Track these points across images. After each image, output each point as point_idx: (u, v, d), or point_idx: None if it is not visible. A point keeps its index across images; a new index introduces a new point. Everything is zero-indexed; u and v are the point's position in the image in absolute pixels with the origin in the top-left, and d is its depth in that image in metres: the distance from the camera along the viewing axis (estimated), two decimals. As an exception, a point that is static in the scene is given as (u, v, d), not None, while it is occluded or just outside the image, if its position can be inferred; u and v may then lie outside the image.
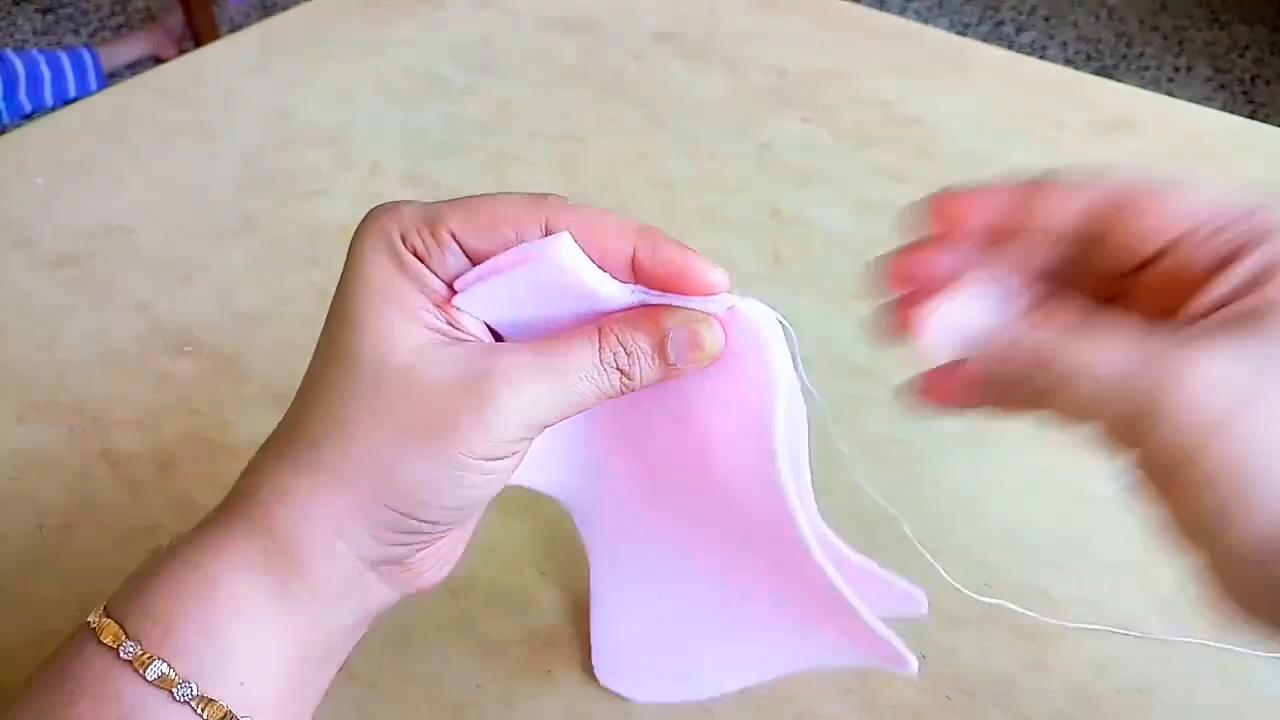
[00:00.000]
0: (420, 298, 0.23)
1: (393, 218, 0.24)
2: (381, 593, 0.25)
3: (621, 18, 0.70)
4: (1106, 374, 0.21)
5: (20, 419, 0.43)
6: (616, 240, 0.23)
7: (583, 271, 0.23)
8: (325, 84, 0.64)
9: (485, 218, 0.23)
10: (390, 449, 0.22)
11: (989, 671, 0.34)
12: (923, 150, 0.59)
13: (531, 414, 0.23)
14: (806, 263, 0.51)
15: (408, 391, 0.22)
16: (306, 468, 0.23)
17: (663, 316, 0.24)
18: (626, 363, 0.23)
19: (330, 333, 0.24)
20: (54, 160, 0.57)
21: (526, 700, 0.33)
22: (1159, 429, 0.20)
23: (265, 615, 0.23)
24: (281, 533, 0.23)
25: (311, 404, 0.24)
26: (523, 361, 0.23)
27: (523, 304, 0.24)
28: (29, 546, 0.38)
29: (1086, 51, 1.92)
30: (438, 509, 0.23)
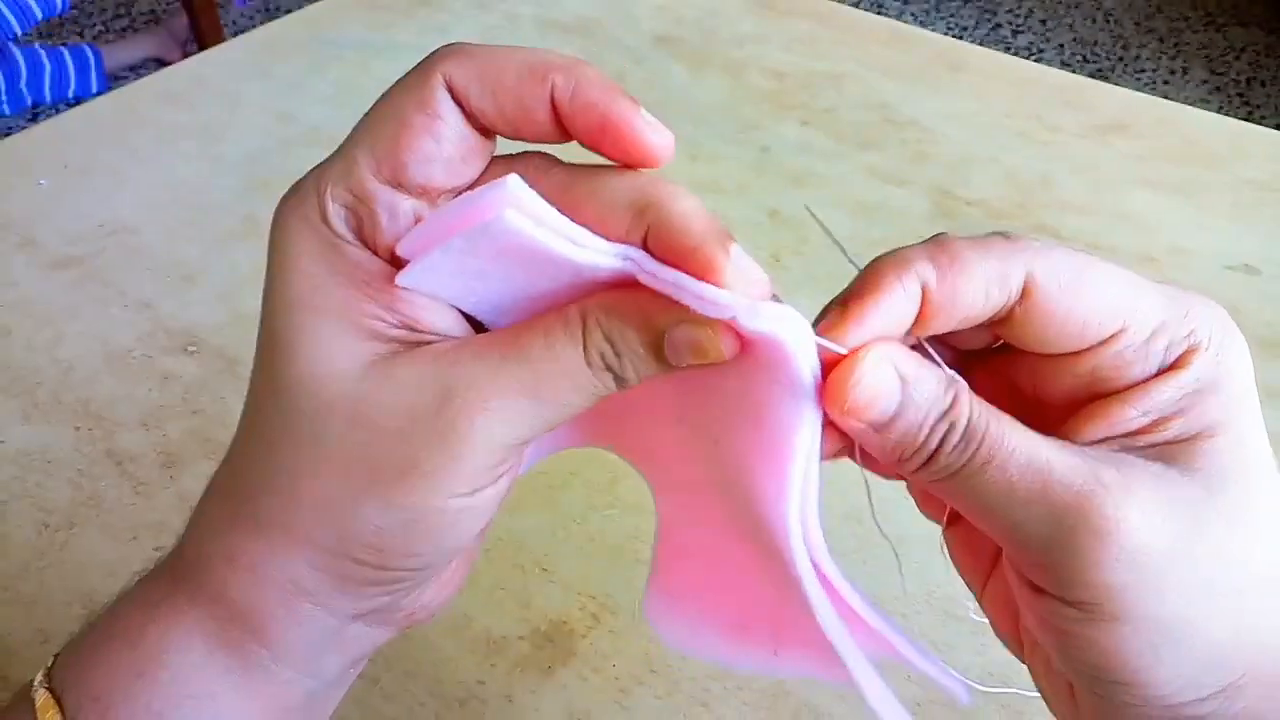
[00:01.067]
0: (356, 296, 0.18)
1: (311, 190, 0.19)
2: (372, 636, 0.21)
3: (621, 21, 0.71)
4: (1037, 469, 0.18)
5: (25, 419, 0.43)
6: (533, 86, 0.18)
7: (539, 234, 0.18)
8: (328, 87, 0.64)
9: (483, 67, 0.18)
10: (343, 500, 0.18)
11: (986, 668, 0.34)
12: (920, 153, 0.59)
13: (509, 435, 0.18)
14: (805, 264, 0.51)
15: (355, 428, 0.18)
16: (253, 525, 0.19)
17: (656, 314, 0.18)
18: (617, 365, 0.19)
19: (260, 358, 0.19)
20: (58, 162, 0.58)
21: (528, 696, 0.34)
22: (1082, 554, 0.18)
23: (221, 694, 0.20)
24: (235, 601, 0.19)
25: (250, 448, 0.20)
26: (491, 370, 0.18)
27: (483, 273, 0.19)
28: (33, 545, 0.38)
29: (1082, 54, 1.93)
30: (414, 556, 0.19)
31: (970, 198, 0.55)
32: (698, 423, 0.23)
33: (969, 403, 0.19)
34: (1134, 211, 0.55)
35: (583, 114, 0.18)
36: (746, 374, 0.19)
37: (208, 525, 0.20)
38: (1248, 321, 0.48)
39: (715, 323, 0.18)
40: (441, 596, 0.22)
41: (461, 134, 0.19)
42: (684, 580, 0.27)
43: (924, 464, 0.19)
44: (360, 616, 0.20)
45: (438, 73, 0.18)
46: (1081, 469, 0.18)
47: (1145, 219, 0.54)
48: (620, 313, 0.19)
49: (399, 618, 0.22)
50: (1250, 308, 0.49)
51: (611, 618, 0.36)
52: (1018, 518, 0.18)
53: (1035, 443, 0.18)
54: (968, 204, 0.55)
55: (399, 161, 0.19)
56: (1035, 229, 0.53)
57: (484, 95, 0.18)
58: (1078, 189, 0.56)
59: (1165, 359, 0.19)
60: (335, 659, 0.21)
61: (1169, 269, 0.51)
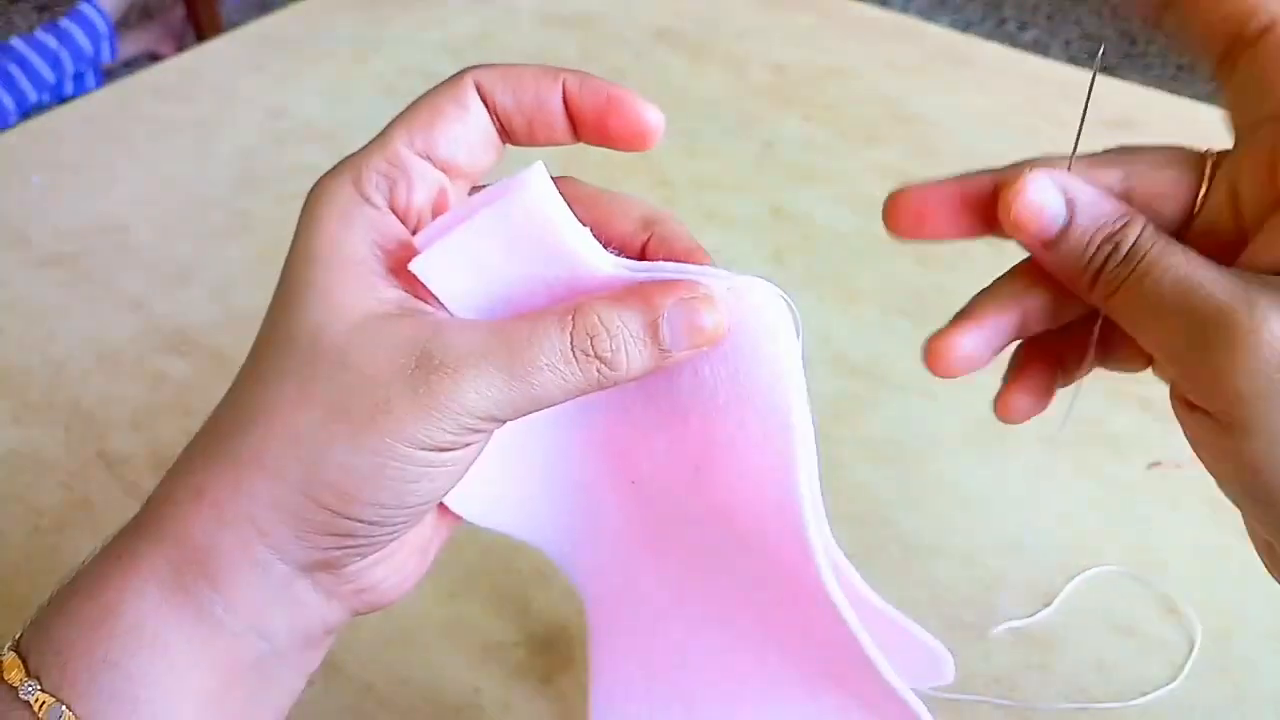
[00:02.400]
0: (372, 260, 0.20)
1: (349, 163, 0.21)
2: (324, 609, 0.22)
3: (621, 14, 0.70)
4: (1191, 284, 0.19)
5: (15, 419, 0.43)
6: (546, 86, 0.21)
7: (556, 218, 0.20)
8: (323, 81, 0.64)
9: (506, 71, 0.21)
10: (316, 433, 0.19)
11: (989, 672, 0.34)
12: (924, 148, 0.58)
13: (478, 405, 0.19)
14: (807, 261, 0.51)
15: (342, 369, 0.19)
16: (225, 460, 0.20)
17: (656, 293, 0.20)
18: (608, 346, 0.20)
19: (271, 310, 0.21)
20: (50, 159, 0.57)
21: (525, 704, 0.33)
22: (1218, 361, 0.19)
23: (175, 642, 0.20)
24: (193, 540, 0.20)
25: (240, 389, 0.21)
26: (474, 341, 0.20)
27: (490, 271, 0.20)
28: (24, 547, 0.38)
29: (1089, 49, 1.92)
30: (371, 506, 0.20)
31: (975, 194, 0.55)
32: (670, 460, 0.23)
33: (1138, 228, 0.21)
34: (1141, 208, 0.54)
35: (590, 96, 0.22)
36: (730, 366, 0.21)
37: (181, 467, 0.21)
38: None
39: (712, 299, 0.20)
40: (394, 582, 0.23)
41: (485, 126, 0.22)
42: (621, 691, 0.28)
43: (1091, 281, 0.21)
44: (310, 569, 0.21)
45: (469, 75, 0.22)
46: (1232, 286, 0.19)
47: (1153, 215, 0.53)
48: (618, 298, 0.20)
49: (348, 591, 0.22)
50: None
51: (609, 623, 0.35)
52: (1167, 328, 0.20)
53: (1195, 263, 0.20)
54: (972, 200, 0.54)
55: (431, 138, 0.21)
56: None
57: (507, 91, 0.22)
58: (1084, 185, 0.56)
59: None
60: (285, 622, 0.21)
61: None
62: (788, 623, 0.24)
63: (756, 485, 0.22)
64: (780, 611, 0.24)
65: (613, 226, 0.22)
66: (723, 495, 0.22)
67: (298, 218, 0.21)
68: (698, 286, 0.20)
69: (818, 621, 0.22)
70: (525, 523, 0.26)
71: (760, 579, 0.24)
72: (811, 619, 0.23)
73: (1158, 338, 0.20)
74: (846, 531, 0.28)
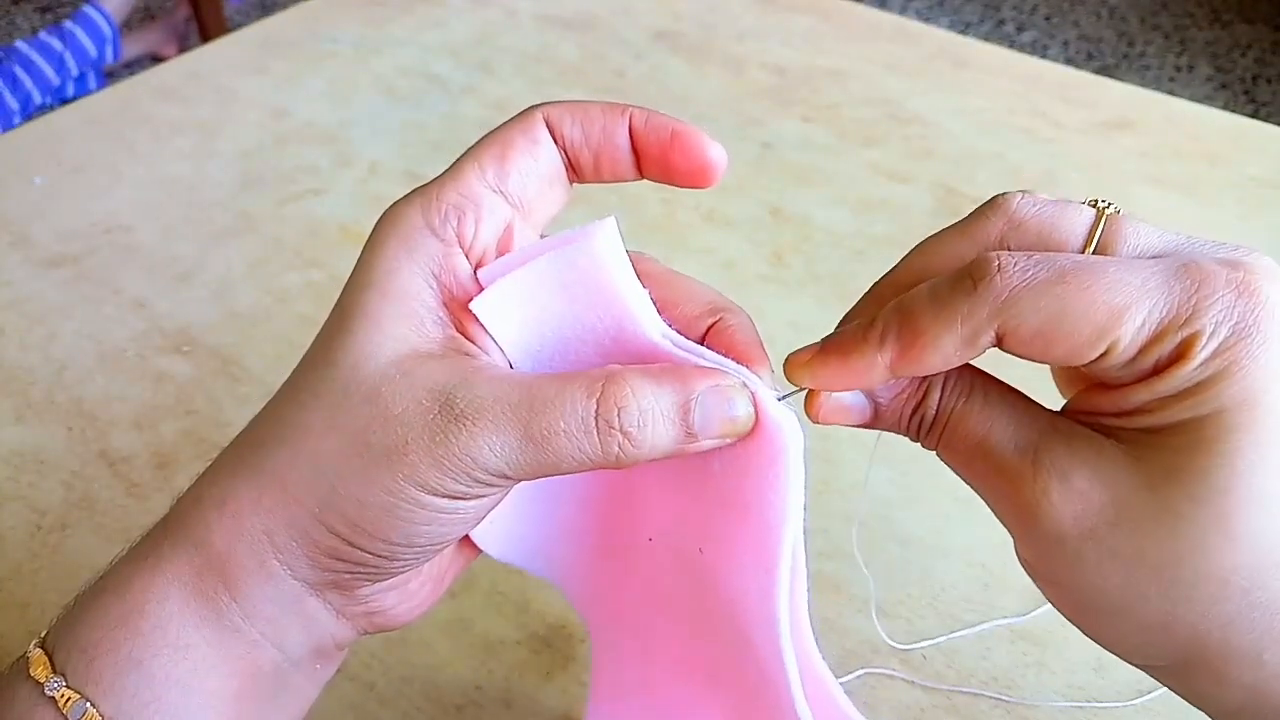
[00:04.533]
0: (426, 294, 0.21)
1: (420, 193, 0.21)
2: (333, 626, 0.22)
3: (621, 17, 0.70)
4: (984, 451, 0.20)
5: (18, 418, 0.43)
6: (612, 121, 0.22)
7: (619, 274, 0.20)
8: (324, 83, 0.64)
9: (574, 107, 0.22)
10: (335, 464, 0.20)
11: (989, 671, 0.34)
12: (923, 149, 0.58)
13: (489, 462, 0.19)
14: (806, 262, 0.51)
15: (370, 403, 0.20)
16: (249, 473, 0.20)
17: (694, 374, 0.20)
18: (635, 421, 0.19)
19: (323, 331, 0.21)
20: (52, 159, 0.57)
21: (525, 701, 0.33)
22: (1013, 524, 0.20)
23: (197, 644, 0.20)
24: (214, 546, 0.20)
25: (276, 405, 0.21)
26: (498, 395, 0.19)
27: (546, 316, 0.21)
28: (26, 547, 0.38)
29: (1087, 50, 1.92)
30: (381, 541, 0.20)
31: (974, 194, 0.55)
32: (680, 529, 0.23)
33: (936, 395, 0.21)
34: (1139, 208, 0.54)
35: (656, 131, 0.22)
36: (740, 470, 0.21)
37: (210, 474, 0.21)
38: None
39: (747, 391, 0.20)
40: (403, 609, 0.23)
41: (555, 161, 0.22)
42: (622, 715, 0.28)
43: (917, 438, 0.22)
44: (320, 590, 0.21)
45: (539, 111, 0.22)
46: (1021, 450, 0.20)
47: (1150, 216, 0.53)
48: (655, 375, 0.20)
49: (358, 612, 0.22)
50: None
51: (610, 621, 0.35)
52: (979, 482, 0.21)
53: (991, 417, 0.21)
54: (971, 201, 0.54)
55: (503, 171, 0.22)
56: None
57: (575, 125, 0.22)
58: (1082, 185, 0.56)
59: (1160, 359, 0.18)
60: (298, 634, 0.21)
61: (1175, 267, 0.50)
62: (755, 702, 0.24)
63: (743, 581, 0.22)
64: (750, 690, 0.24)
65: (679, 307, 0.22)
66: (720, 577, 0.23)
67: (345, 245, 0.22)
68: (735, 378, 0.20)
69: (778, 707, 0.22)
70: (543, 563, 0.26)
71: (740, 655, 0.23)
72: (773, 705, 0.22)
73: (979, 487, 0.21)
74: (847, 531, 0.28)
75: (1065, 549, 0.19)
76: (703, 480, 0.22)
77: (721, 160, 0.22)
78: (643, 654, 0.27)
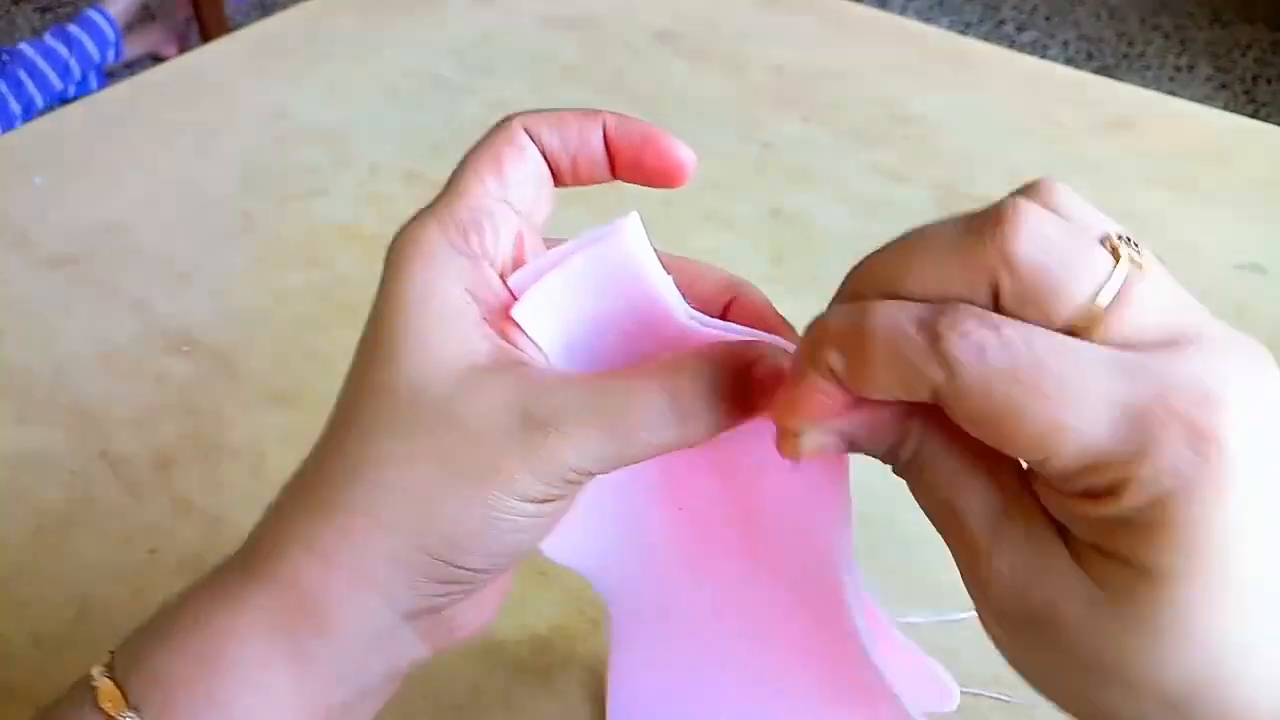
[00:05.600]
0: (466, 309, 0.21)
1: (433, 212, 0.22)
2: (414, 647, 0.22)
3: (621, 16, 0.70)
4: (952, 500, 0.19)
5: (19, 419, 0.43)
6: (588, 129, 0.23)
7: (649, 265, 0.21)
8: (324, 83, 0.64)
9: (549, 115, 0.23)
10: (428, 489, 0.20)
11: (989, 671, 0.34)
12: (923, 149, 0.58)
13: (580, 463, 0.20)
14: (806, 262, 0.51)
15: (448, 426, 0.20)
16: (335, 510, 0.20)
17: (740, 351, 0.21)
18: (692, 408, 0.21)
19: (363, 359, 0.21)
20: (53, 159, 0.57)
21: (525, 702, 0.33)
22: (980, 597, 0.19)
23: (279, 684, 0.20)
24: (303, 584, 0.20)
25: (341, 439, 0.21)
26: (579, 403, 0.20)
27: (581, 315, 0.22)
28: (27, 547, 0.38)
29: (1087, 50, 1.92)
30: (481, 556, 0.21)
31: (974, 195, 0.55)
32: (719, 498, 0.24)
33: (911, 447, 0.19)
34: (1139, 209, 0.54)
35: (629, 135, 0.23)
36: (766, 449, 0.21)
37: (286, 514, 0.21)
38: (1256, 322, 0.47)
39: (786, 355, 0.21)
40: (476, 619, 0.24)
41: (541, 164, 0.23)
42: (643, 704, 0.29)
43: None
44: (415, 616, 0.21)
45: (516, 121, 0.23)
46: (981, 524, 0.18)
47: (1151, 216, 0.54)
48: (709, 357, 0.21)
49: (441, 631, 0.23)
50: (1258, 307, 0.48)
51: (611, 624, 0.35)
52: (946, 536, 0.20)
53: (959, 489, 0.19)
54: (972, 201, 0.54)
55: (502, 180, 0.22)
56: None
57: (553, 133, 0.23)
58: (1082, 186, 0.55)
59: (1093, 488, 0.16)
60: (380, 664, 0.22)
61: (1175, 267, 0.50)
62: (812, 653, 0.25)
63: (801, 536, 0.23)
64: (806, 643, 0.25)
65: (695, 286, 0.23)
66: (768, 538, 0.24)
67: (382, 266, 0.22)
68: (778, 348, 0.21)
69: (841, 654, 0.23)
70: (563, 545, 0.26)
71: (790, 612, 0.25)
72: (836, 651, 0.24)
73: (941, 533, 0.20)
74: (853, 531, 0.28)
75: (1004, 628, 0.19)
76: (749, 453, 0.23)
77: (690, 160, 0.23)
78: (664, 619, 0.27)
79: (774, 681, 0.26)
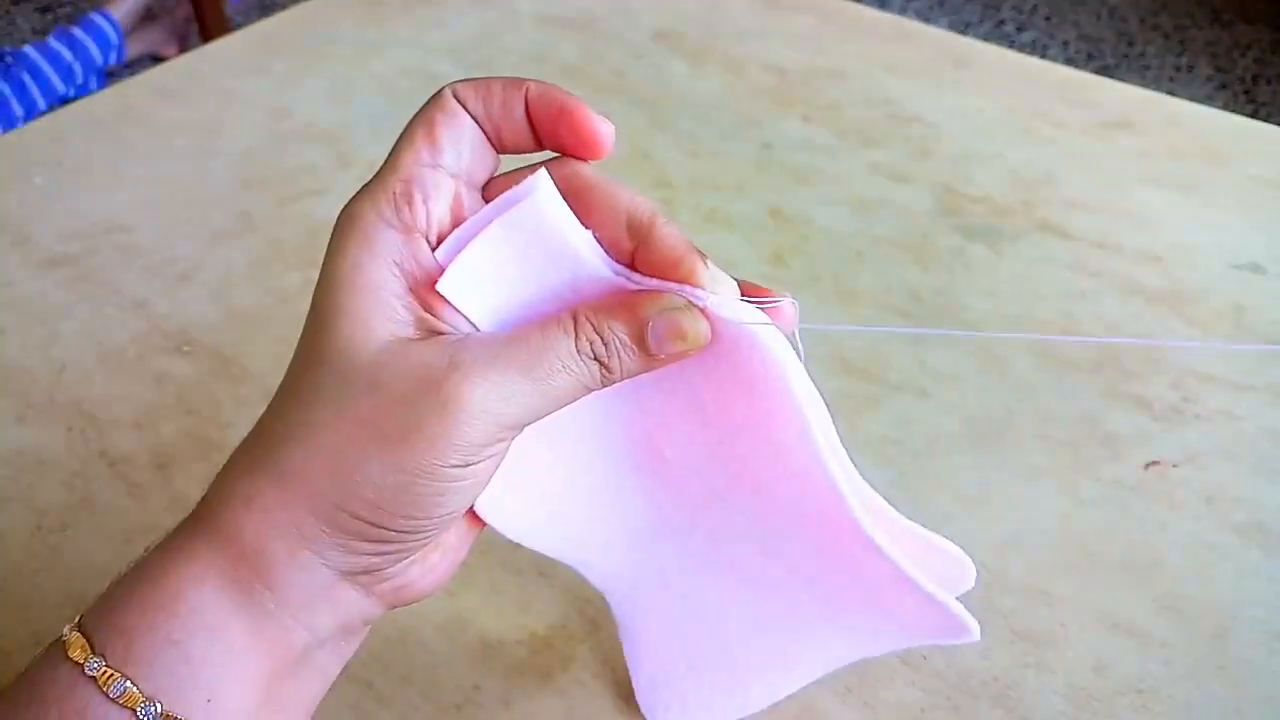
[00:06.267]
0: (394, 282, 0.22)
1: (368, 189, 0.23)
2: (363, 604, 0.23)
3: (621, 17, 0.70)
4: None
5: (18, 419, 0.43)
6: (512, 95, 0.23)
7: (563, 224, 0.22)
8: (324, 83, 0.64)
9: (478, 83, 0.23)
10: (352, 453, 0.21)
11: (989, 671, 0.34)
12: (923, 149, 0.58)
13: (503, 411, 0.21)
14: (806, 262, 0.51)
15: (372, 391, 0.21)
16: (271, 470, 0.22)
17: (641, 304, 0.22)
18: (604, 353, 0.22)
19: (305, 330, 0.23)
20: (53, 159, 0.57)
21: (524, 701, 0.33)
22: None
23: (232, 627, 0.21)
24: (246, 539, 0.22)
25: (282, 402, 0.23)
26: (491, 353, 0.21)
27: (505, 279, 0.22)
28: (27, 547, 0.38)
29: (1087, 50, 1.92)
30: (403, 519, 0.22)
31: (974, 195, 0.55)
32: (694, 440, 0.25)
33: None
34: (1139, 209, 0.54)
35: (545, 105, 0.23)
36: (724, 355, 0.23)
37: (232, 471, 0.23)
38: (1256, 321, 0.47)
39: (693, 307, 0.22)
40: (426, 582, 0.24)
41: (474, 128, 0.24)
42: (658, 670, 0.30)
43: None
44: (351, 576, 0.23)
45: (447, 88, 0.24)
46: None
47: (1150, 216, 0.54)
48: (607, 308, 0.22)
49: (386, 589, 0.24)
50: (1257, 306, 0.48)
51: (610, 624, 0.35)
52: None
53: None
54: (971, 201, 0.54)
55: (435, 147, 0.23)
56: (1039, 226, 0.53)
57: (478, 100, 0.23)
58: (1082, 186, 0.56)
59: None
60: (328, 617, 0.23)
61: (1174, 267, 0.51)
62: (821, 560, 0.26)
63: (778, 446, 0.24)
64: (813, 551, 0.25)
65: (602, 230, 0.23)
66: (749, 460, 0.25)
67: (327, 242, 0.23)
68: (678, 297, 0.22)
69: (850, 550, 0.24)
70: (556, 539, 0.27)
71: (790, 526, 0.25)
72: (844, 549, 0.24)
73: None
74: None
75: None
76: (705, 385, 0.24)
77: (607, 134, 0.23)
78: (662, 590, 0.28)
79: (787, 603, 0.27)
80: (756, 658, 0.29)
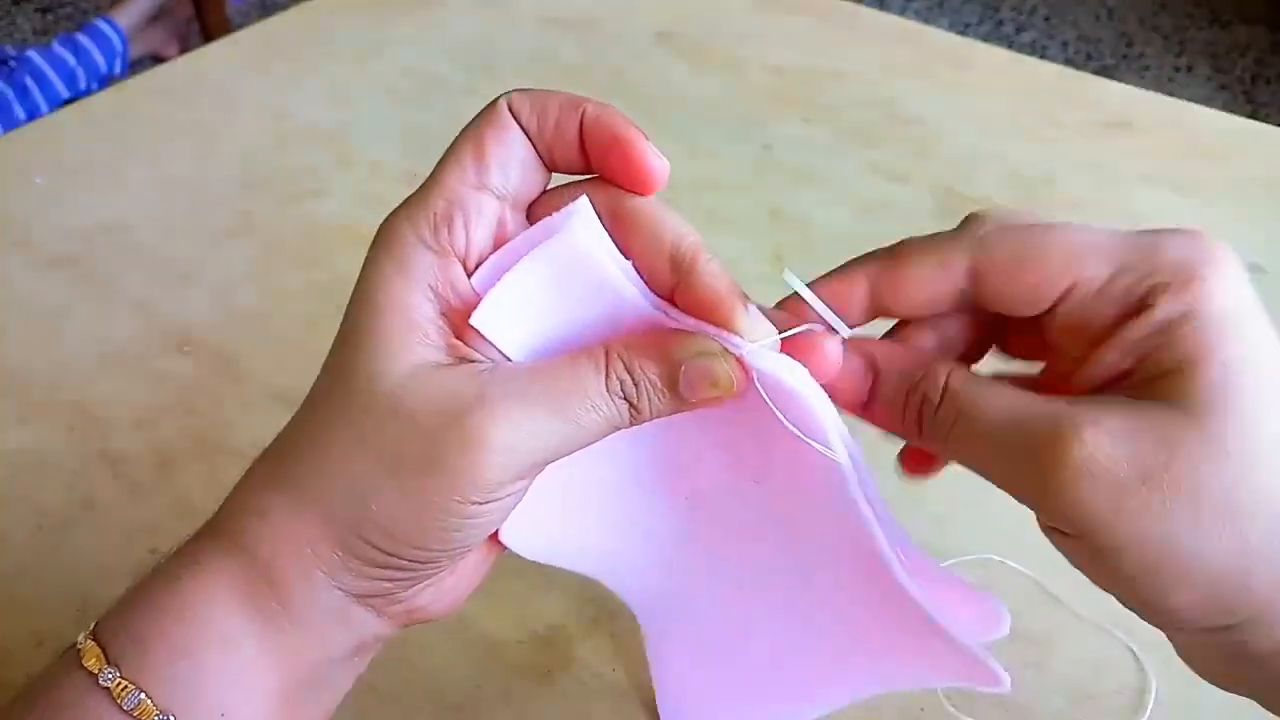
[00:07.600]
0: (426, 306, 0.21)
1: (408, 206, 0.22)
2: (375, 625, 0.23)
3: (621, 17, 0.70)
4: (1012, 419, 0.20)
5: (19, 419, 0.43)
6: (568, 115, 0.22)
7: (601, 256, 0.21)
8: (325, 84, 0.64)
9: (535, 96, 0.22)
10: (367, 479, 0.20)
11: (989, 672, 0.34)
12: (923, 150, 0.58)
13: (528, 449, 0.20)
14: (806, 263, 0.51)
15: (393, 418, 0.20)
16: (289, 488, 0.21)
17: (675, 345, 0.21)
18: (634, 394, 0.21)
19: (335, 348, 0.22)
20: (54, 160, 0.57)
21: (525, 701, 0.33)
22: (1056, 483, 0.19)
23: (245, 640, 0.21)
24: (260, 557, 0.21)
25: (305, 419, 0.22)
26: (519, 388, 0.20)
27: (541, 310, 0.22)
28: (28, 546, 0.38)
29: (1087, 51, 1.92)
30: (421, 549, 0.21)
31: (974, 195, 0.55)
32: (728, 473, 0.25)
33: (943, 374, 0.22)
34: (1138, 209, 0.54)
35: (598, 131, 0.22)
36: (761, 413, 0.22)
37: (251, 482, 0.22)
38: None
39: (728, 354, 0.21)
40: (440, 605, 0.24)
41: (525, 144, 0.23)
42: (685, 693, 0.29)
43: (917, 430, 0.22)
44: (363, 599, 0.22)
45: (503, 100, 0.23)
46: (1052, 411, 0.20)
47: (1149, 216, 0.54)
48: (640, 347, 0.21)
49: (398, 611, 0.23)
50: (1257, 307, 0.48)
51: (610, 623, 0.35)
52: (1002, 464, 0.21)
53: (1009, 395, 0.21)
54: (971, 201, 0.55)
55: (482, 165, 0.22)
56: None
57: (532, 115, 0.22)
58: (1082, 186, 0.56)
59: (1129, 300, 0.20)
60: (342, 637, 0.22)
61: (1175, 267, 0.51)
62: (852, 598, 0.25)
63: (813, 489, 0.23)
64: (845, 589, 0.25)
65: (644, 260, 0.22)
66: (783, 498, 0.24)
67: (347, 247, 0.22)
68: (714, 342, 0.21)
69: (882, 593, 0.24)
70: (582, 559, 0.27)
71: (823, 563, 0.25)
72: (876, 592, 0.24)
73: (998, 475, 0.21)
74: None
75: (1126, 502, 0.19)
76: (743, 424, 0.23)
77: (660, 169, 0.22)
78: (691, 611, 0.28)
79: (817, 636, 0.27)
80: (783, 688, 0.28)
